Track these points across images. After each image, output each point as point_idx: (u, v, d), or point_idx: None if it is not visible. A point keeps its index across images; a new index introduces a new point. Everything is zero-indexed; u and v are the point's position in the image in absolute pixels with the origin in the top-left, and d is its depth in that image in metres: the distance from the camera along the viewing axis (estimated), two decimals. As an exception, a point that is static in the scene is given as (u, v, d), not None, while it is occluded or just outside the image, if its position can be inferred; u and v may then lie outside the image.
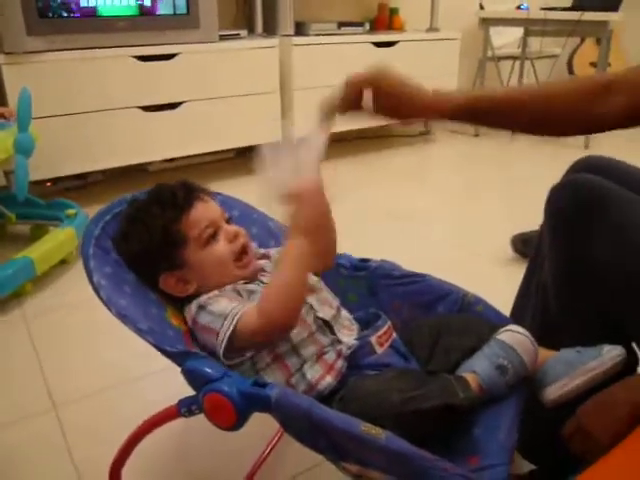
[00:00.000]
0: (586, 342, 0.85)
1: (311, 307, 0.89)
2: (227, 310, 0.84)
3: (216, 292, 0.89)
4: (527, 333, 0.87)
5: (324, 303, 0.92)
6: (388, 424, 0.71)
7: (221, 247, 0.93)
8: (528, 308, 1.01)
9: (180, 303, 0.94)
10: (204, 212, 0.94)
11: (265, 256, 1.02)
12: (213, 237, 0.93)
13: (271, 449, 1.18)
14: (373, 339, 0.88)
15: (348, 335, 0.90)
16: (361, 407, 0.77)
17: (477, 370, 0.84)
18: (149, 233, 0.91)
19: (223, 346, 0.82)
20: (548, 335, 0.92)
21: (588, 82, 0.89)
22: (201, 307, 0.87)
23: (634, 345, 0.91)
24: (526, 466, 1.05)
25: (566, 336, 0.90)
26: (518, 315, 1.04)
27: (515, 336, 0.87)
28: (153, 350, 0.83)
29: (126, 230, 0.94)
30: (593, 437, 0.72)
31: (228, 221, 0.98)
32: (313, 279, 0.96)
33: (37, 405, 1.33)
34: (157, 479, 1.14)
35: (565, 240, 0.90)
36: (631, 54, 4.38)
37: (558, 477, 0.69)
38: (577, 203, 0.87)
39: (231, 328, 0.82)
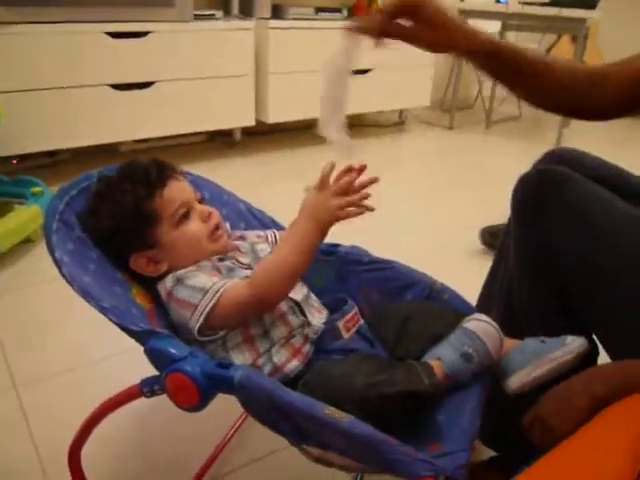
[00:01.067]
0: (549, 332, 0.86)
1: None
2: (207, 285, 0.83)
3: (194, 267, 0.88)
4: (493, 322, 0.88)
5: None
6: (352, 408, 0.71)
7: (195, 227, 0.92)
8: (494, 298, 1.02)
9: (148, 282, 0.92)
10: (178, 191, 0.92)
11: (241, 238, 1.01)
12: (186, 217, 0.91)
13: (234, 433, 1.18)
14: (340, 324, 0.88)
15: (318, 317, 0.90)
16: (325, 391, 0.76)
17: (442, 357, 0.84)
18: (120, 210, 0.89)
19: (200, 321, 0.82)
20: (512, 324, 0.93)
21: (589, 68, 0.91)
22: (179, 280, 0.86)
23: (594, 337, 0.93)
24: (487, 453, 1.07)
25: (530, 326, 0.92)
26: (484, 305, 1.05)
27: (481, 325, 0.87)
28: (118, 331, 0.81)
29: (95, 206, 0.91)
30: (551, 427, 0.73)
31: (201, 201, 0.97)
32: None
33: (-3, 384, 1.30)
34: (118, 463, 1.13)
35: (528, 230, 0.91)
36: (606, 53, 4.45)
37: (518, 464, 0.70)
38: (541, 193, 0.88)
39: (211, 304, 0.81)
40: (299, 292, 0.91)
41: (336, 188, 0.84)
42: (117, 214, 0.89)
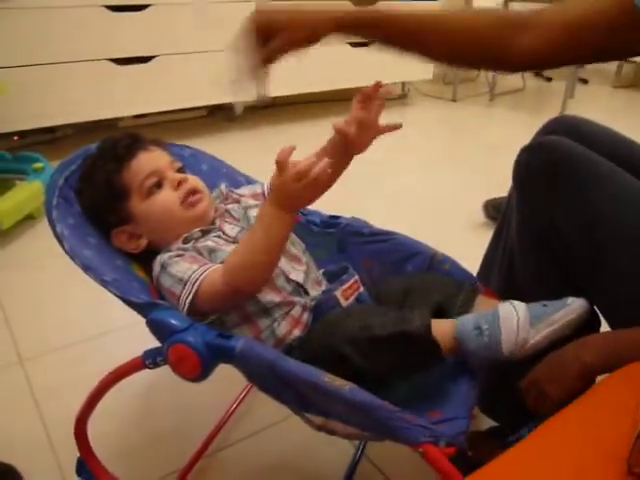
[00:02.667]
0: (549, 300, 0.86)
1: (281, 271, 0.88)
2: (186, 275, 0.82)
3: (178, 251, 0.87)
4: (524, 319, 0.79)
5: (293, 260, 0.92)
6: (346, 350, 0.74)
7: (164, 195, 0.91)
8: (495, 268, 1.02)
9: (142, 260, 0.92)
10: (146, 162, 0.91)
11: (236, 201, 0.99)
12: (158, 187, 0.91)
13: (238, 404, 1.19)
14: (338, 292, 0.88)
15: (318, 289, 0.91)
16: (321, 337, 0.79)
17: (457, 320, 0.82)
18: (94, 187, 0.90)
19: (185, 310, 0.81)
20: (513, 294, 0.93)
21: (505, 16, 0.86)
22: (163, 267, 0.86)
23: (595, 308, 0.93)
24: (486, 423, 1.08)
25: (530, 295, 0.92)
26: (485, 274, 1.05)
27: (508, 314, 0.79)
28: (121, 305, 0.82)
29: (78, 186, 0.93)
30: (545, 392, 0.74)
31: (180, 170, 0.95)
32: None
33: (3, 359, 1.32)
34: (124, 434, 1.14)
35: (530, 201, 0.90)
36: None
37: (518, 431, 0.71)
38: (543, 165, 0.87)
39: (190, 296, 0.81)
40: (299, 270, 0.90)
41: (293, 174, 0.75)
42: (93, 192, 0.90)
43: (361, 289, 0.92)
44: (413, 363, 0.79)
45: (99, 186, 0.89)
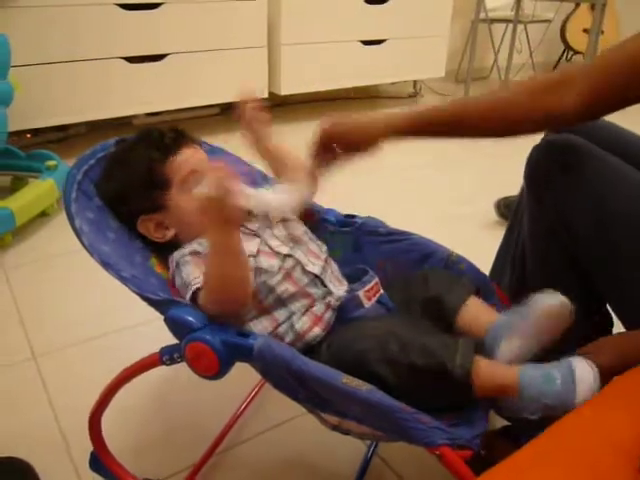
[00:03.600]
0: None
1: (297, 262, 0.89)
2: (189, 279, 0.82)
3: (194, 246, 0.87)
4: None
5: (310, 255, 0.92)
6: (382, 371, 0.73)
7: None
8: (506, 266, 1.02)
9: (163, 252, 0.93)
10: (191, 157, 0.93)
11: None
12: (197, 184, 0.91)
13: (251, 400, 1.19)
14: (361, 293, 0.88)
15: (339, 286, 0.90)
16: (352, 348, 0.77)
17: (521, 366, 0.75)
18: (132, 171, 0.90)
19: None
20: (524, 291, 0.93)
21: (541, 78, 0.86)
22: (177, 266, 0.86)
23: (609, 307, 0.92)
24: (499, 422, 1.07)
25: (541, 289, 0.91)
26: (498, 272, 1.05)
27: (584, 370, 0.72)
28: (136, 301, 0.82)
29: (110, 169, 0.93)
30: None
31: None
32: (300, 229, 0.96)
33: (17, 355, 1.33)
34: (138, 430, 1.15)
35: (542, 199, 0.90)
36: (624, 22, 4.34)
37: (530, 434, 0.70)
38: (555, 162, 0.87)
39: (189, 301, 0.81)
40: (316, 264, 0.90)
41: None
42: (129, 175, 0.90)
43: (381, 291, 0.92)
44: (444, 397, 0.76)
45: (138, 171, 0.90)
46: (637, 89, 0.77)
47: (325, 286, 0.89)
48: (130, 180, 0.90)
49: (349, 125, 0.93)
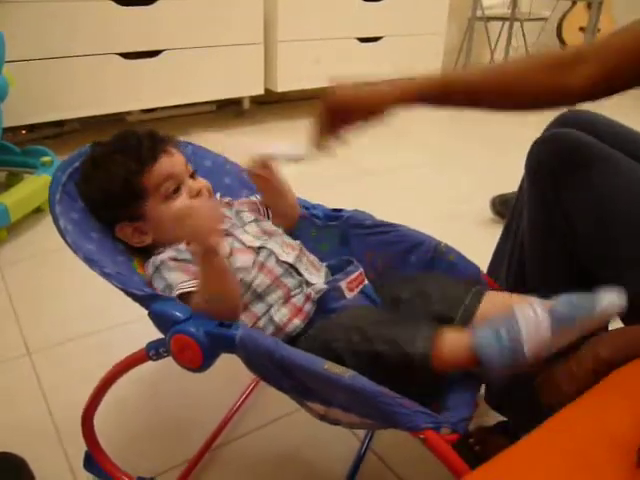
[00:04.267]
0: (560, 293, 0.85)
1: (271, 252, 0.89)
2: (174, 283, 0.83)
3: (172, 253, 0.87)
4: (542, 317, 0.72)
5: (285, 245, 0.92)
6: (348, 361, 0.73)
7: (182, 203, 0.92)
8: (505, 260, 1.02)
9: (144, 255, 0.93)
10: (168, 166, 0.92)
11: (228, 204, 1.01)
12: (175, 192, 0.92)
13: (246, 397, 1.19)
14: (343, 284, 0.88)
15: (316, 275, 0.90)
16: (323, 340, 0.78)
17: (474, 330, 0.75)
18: (110, 182, 0.90)
19: None
20: (521, 286, 0.93)
21: (554, 54, 0.87)
22: (156, 269, 0.86)
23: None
24: (494, 418, 1.08)
25: (541, 287, 0.91)
26: (496, 269, 1.05)
27: (527, 314, 0.73)
28: (126, 298, 0.82)
29: (88, 173, 0.93)
30: (560, 387, 0.73)
31: (193, 175, 0.97)
32: (272, 227, 0.97)
33: (12, 352, 1.32)
34: (131, 426, 1.15)
35: (542, 193, 0.90)
36: (621, 20, 4.34)
37: (526, 429, 0.70)
38: (557, 157, 0.87)
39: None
40: (290, 254, 0.91)
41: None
42: (107, 186, 0.90)
43: (365, 282, 0.92)
44: (412, 383, 0.75)
45: (116, 182, 0.89)
46: None
47: (300, 275, 0.89)
48: (107, 190, 0.90)
49: (352, 93, 0.90)
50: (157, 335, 0.81)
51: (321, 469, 1.08)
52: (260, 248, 0.90)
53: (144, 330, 0.82)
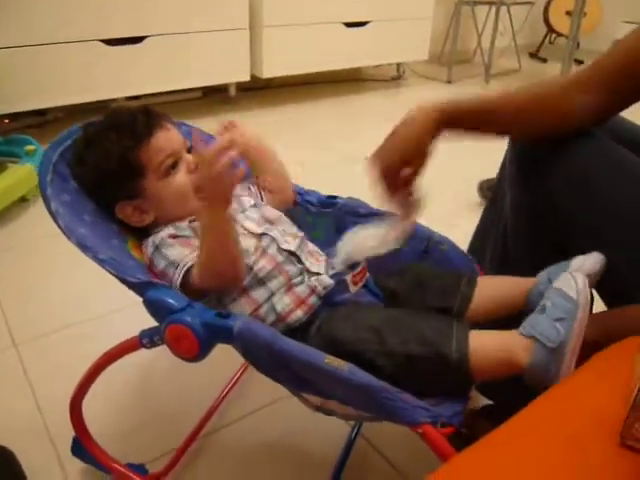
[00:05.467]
0: None
1: (273, 239, 0.89)
2: (178, 258, 0.82)
3: (171, 230, 0.87)
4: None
5: (286, 234, 0.91)
6: (380, 362, 0.73)
7: (181, 178, 0.90)
8: (489, 243, 1.02)
9: (141, 235, 0.92)
10: (165, 141, 0.89)
11: None
12: (173, 167, 0.90)
13: (234, 384, 1.19)
14: (348, 278, 0.87)
15: (316, 264, 0.89)
16: (348, 337, 0.76)
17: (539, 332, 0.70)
18: (106, 160, 0.87)
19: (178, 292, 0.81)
20: (506, 270, 0.93)
21: (573, 75, 0.88)
22: (157, 248, 0.85)
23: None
24: (482, 401, 1.08)
25: (524, 271, 0.91)
26: (477, 251, 1.05)
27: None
28: (117, 285, 0.81)
29: (82, 154, 0.90)
30: None
31: (190, 150, 0.94)
32: (274, 213, 0.95)
33: (-3, 342, 1.31)
34: (120, 415, 1.15)
35: (526, 178, 0.90)
36: (607, 4, 4.35)
37: (512, 411, 0.71)
38: (536, 147, 0.87)
39: (179, 279, 0.81)
40: (292, 242, 0.90)
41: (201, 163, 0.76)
42: (103, 164, 0.87)
43: (367, 275, 0.91)
44: (443, 384, 0.75)
45: (112, 159, 0.87)
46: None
47: (302, 263, 0.88)
48: (104, 169, 0.87)
49: (394, 156, 0.90)
50: (144, 324, 0.80)
51: (311, 455, 1.09)
52: (262, 235, 0.89)
53: (134, 318, 0.81)
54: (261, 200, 1.01)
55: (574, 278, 0.70)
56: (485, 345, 0.73)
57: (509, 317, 0.83)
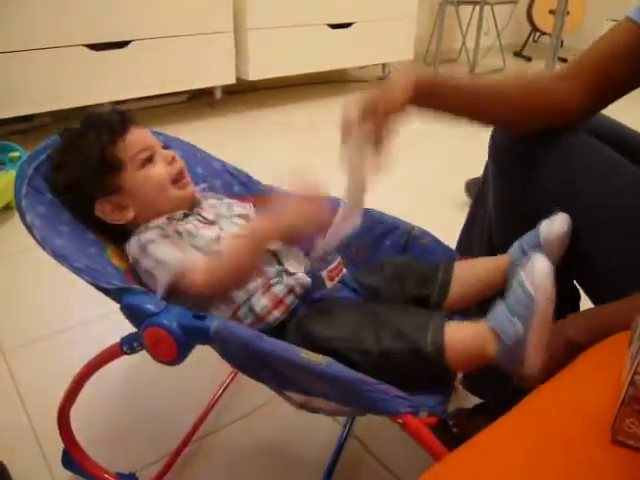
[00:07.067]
0: None
1: None
2: (167, 259, 0.83)
3: (156, 231, 0.87)
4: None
5: None
6: (355, 358, 0.73)
7: (159, 169, 0.92)
8: (474, 240, 1.03)
9: (120, 242, 0.92)
10: (139, 137, 0.93)
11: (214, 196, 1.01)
12: (149, 160, 0.92)
13: (225, 387, 1.19)
14: (324, 273, 0.88)
15: (296, 266, 0.89)
16: (323, 334, 0.77)
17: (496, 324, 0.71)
18: (84, 157, 0.90)
19: (161, 295, 0.82)
20: None
21: (557, 71, 0.89)
22: (142, 248, 0.85)
23: (575, 283, 0.93)
24: (473, 400, 1.09)
25: None
26: (464, 247, 1.05)
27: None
28: (99, 295, 0.81)
29: (60, 160, 0.92)
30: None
31: (165, 147, 0.97)
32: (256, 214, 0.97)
33: (-17, 351, 1.30)
34: (112, 422, 1.14)
35: (508, 176, 0.91)
36: (591, 2, 4.38)
37: (503, 410, 0.71)
38: (520, 141, 0.88)
39: (168, 282, 0.82)
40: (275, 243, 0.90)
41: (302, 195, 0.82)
42: (82, 162, 0.89)
43: (344, 270, 0.92)
44: (419, 376, 0.75)
45: (91, 157, 0.89)
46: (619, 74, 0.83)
47: (281, 264, 0.88)
48: (83, 167, 0.89)
49: (375, 95, 0.84)
50: (131, 329, 0.80)
51: (302, 456, 1.08)
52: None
53: (121, 325, 0.80)
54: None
55: (534, 269, 0.68)
56: (459, 336, 0.74)
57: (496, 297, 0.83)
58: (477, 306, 0.88)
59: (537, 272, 0.67)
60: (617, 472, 0.49)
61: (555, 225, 0.82)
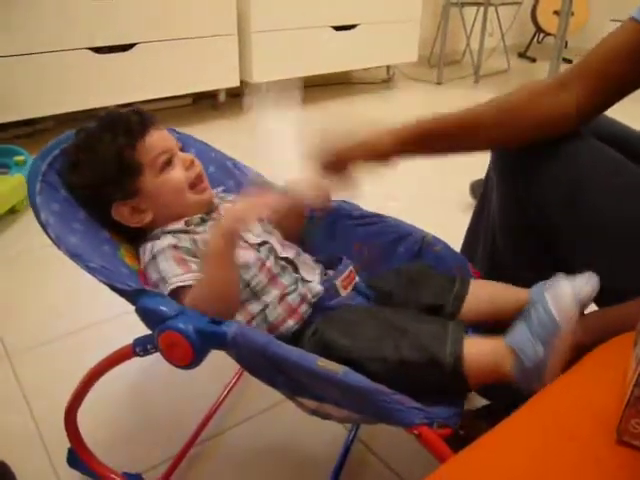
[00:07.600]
0: (534, 277, 0.86)
1: (272, 248, 0.88)
2: (169, 275, 0.81)
3: (170, 239, 0.86)
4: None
5: (283, 244, 0.91)
6: (373, 368, 0.72)
7: (177, 173, 0.91)
8: (479, 246, 1.02)
9: (134, 242, 0.91)
10: (159, 139, 0.91)
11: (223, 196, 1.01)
12: (168, 164, 0.90)
13: (230, 390, 1.18)
14: (338, 282, 0.87)
15: (312, 274, 0.89)
16: (341, 343, 0.76)
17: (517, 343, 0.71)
18: (102, 161, 0.87)
19: None
20: (497, 270, 0.93)
21: (542, 84, 0.88)
22: (153, 257, 0.84)
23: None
24: (479, 402, 1.08)
25: (514, 271, 0.91)
26: (468, 250, 1.05)
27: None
28: (109, 295, 0.81)
29: (76, 159, 0.90)
30: None
31: (183, 150, 0.96)
32: (268, 226, 0.95)
33: (-11, 355, 1.30)
34: (116, 424, 1.14)
35: (511, 179, 0.90)
36: (595, 3, 4.37)
37: (509, 410, 0.71)
38: (521, 151, 0.88)
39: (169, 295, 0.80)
40: (290, 250, 0.90)
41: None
42: (99, 165, 0.87)
43: (356, 278, 0.91)
44: (437, 387, 0.75)
45: (108, 160, 0.87)
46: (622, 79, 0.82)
47: (297, 272, 0.88)
48: (101, 170, 0.87)
49: (353, 144, 0.91)
50: (135, 333, 0.80)
51: (308, 459, 1.08)
52: (261, 245, 0.89)
53: (127, 327, 0.80)
54: None
55: (561, 294, 0.70)
56: (477, 350, 0.73)
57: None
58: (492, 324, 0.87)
59: (564, 298, 0.69)
60: (624, 472, 0.49)
61: (587, 287, 0.75)
